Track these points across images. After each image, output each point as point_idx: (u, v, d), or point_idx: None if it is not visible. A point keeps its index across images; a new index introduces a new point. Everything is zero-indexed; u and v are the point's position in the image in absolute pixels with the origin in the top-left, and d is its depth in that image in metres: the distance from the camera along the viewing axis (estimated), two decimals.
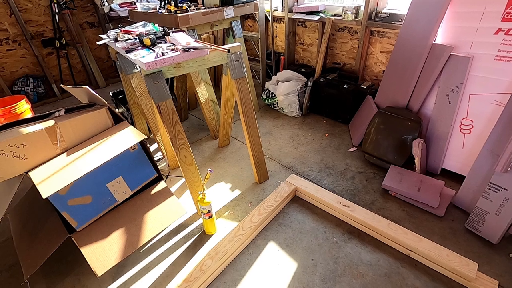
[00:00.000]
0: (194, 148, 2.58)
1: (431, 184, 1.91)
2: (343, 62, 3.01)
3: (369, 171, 2.19)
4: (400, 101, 2.22)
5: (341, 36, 2.89)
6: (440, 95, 1.97)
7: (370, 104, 2.47)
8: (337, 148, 2.47)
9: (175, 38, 1.69)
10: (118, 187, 1.47)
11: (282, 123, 2.88)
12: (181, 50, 1.59)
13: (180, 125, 1.70)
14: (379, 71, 2.76)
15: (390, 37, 2.54)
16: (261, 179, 2.15)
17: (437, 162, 2.07)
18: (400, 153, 2.07)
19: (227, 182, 2.17)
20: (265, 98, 3.07)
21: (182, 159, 1.75)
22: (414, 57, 2.08)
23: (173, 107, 1.66)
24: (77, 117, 1.35)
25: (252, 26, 3.72)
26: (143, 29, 1.99)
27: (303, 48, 3.31)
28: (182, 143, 1.73)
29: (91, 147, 1.33)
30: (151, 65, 1.49)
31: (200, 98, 2.52)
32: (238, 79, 1.86)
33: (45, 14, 3.42)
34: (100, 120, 1.43)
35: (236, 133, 2.76)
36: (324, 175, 2.18)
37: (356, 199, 1.96)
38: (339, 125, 2.79)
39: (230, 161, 2.39)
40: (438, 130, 2.02)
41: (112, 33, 1.98)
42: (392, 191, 1.95)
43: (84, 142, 1.38)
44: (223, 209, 1.94)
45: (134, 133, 1.44)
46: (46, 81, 3.61)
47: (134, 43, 1.73)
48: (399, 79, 2.22)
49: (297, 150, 2.48)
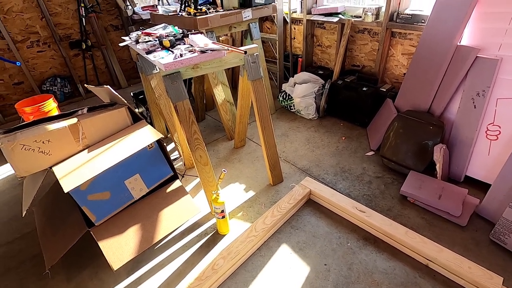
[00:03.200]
0: (209, 149, 2.61)
1: (454, 191, 1.83)
2: (362, 64, 2.95)
3: (387, 176, 2.13)
4: (421, 104, 2.14)
5: (360, 38, 2.84)
6: (465, 99, 1.88)
7: (389, 108, 2.40)
8: (354, 152, 2.41)
9: (193, 40, 1.72)
10: (135, 184, 1.51)
11: (298, 125, 2.86)
12: (198, 52, 1.62)
13: (196, 125, 1.73)
14: (400, 73, 2.68)
15: (412, 39, 2.47)
16: (275, 181, 2.14)
17: (460, 169, 1.97)
18: (420, 159, 2.00)
19: (242, 183, 2.18)
20: (281, 100, 3.07)
21: (197, 159, 1.77)
22: (437, 59, 2.01)
23: (190, 107, 1.69)
24: (99, 115, 1.40)
25: (270, 28, 3.73)
26: (163, 31, 2.04)
27: (321, 50, 3.28)
28: (198, 143, 1.76)
29: (111, 144, 1.38)
30: (170, 66, 1.52)
31: (217, 99, 2.55)
32: (255, 80, 1.87)
33: (73, 17, 3.59)
34: (120, 119, 1.48)
35: (252, 134, 2.77)
36: (340, 179, 2.14)
37: (373, 204, 1.91)
38: (356, 129, 2.73)
39: (245, 162, 2.40)
40: (462, 135, 1.93)
41: (134, 35, 2.04)
42: (411, 197, 1.88)
43: (104, 139, 1.44)
44: (236, 210, 1.95)
45: (152, 132, 1.48)
46: (72, 81, 3.78)
47: (154, 45, 1.78)
48: (421, 82, 2.14)
49: (312, 152, 2.45)
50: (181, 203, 1.61)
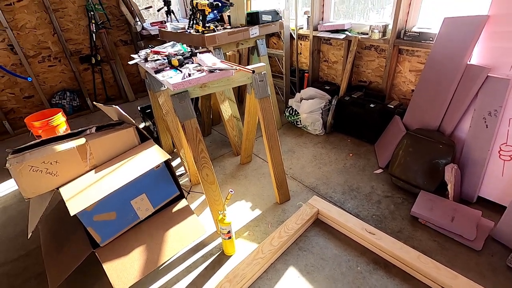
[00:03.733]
0: (216, 165, 2.60)
1: (467, 213, 1.77)
2: (369, 80, 2.94)
3: (396, 196, 2.08)
4: (431, 122, 2.11)
5: (367, 54, 2.84)
6: (476, 118, 1.85)
7: (397, 125, 2.37)
8: (362, 170, 2.38)
9: (202, 59, 1.74)
10: (141, 204, 1.49)
11: (305, 141, 2.84)
12: (207, 71, 1.63)
13: (204, 144, 1.72)
14: (408, 90, 2.66)
15: (420, 56, 2.46)
16: (282, 200, 2.11)
17: (472, 190, 1.92)
18: (431, 178, 1.96)
19: (248, 201, 2.15)
20: (288, 115, 3.06)
21: (204, 177, 1.75)
22: (446, 78, 1.99)
23: (197, 126, 1.69)
24: (107, 135, 1.40)
25: (276, 43, 3.77)
26: (172, 50, 2.06)
27: (328, 65, 3.28)
28: (205, 161, 1.75)
29: (118, 165, 1.37)
30: (178, 86, 1.53)
31: (223, 115, 2.55)
32: (262, 98, 1.86)
33: (83, 33, 3.67)
34: (128, 139, 1.48)
35: (258, 150, 2.75)
36: (348, 198, 2.10)
37: (383, 225, 1.86)
38: (364, 145, 2.70)
39: (251, 179, 2.38)
40: (474, 155, 1.89)
41: (143, 53, 2.07)
42: (422, 219, 1.83)
43: (112, 159, 1.43)
44: (242, 229, 1.91)
45: (159, 152, 1.47)
46: (81, 95, 3.84)
47: (163, 64, 1.80)
48: (430, 100, 2.12)
49: (320, 170, 2.42)
50: (187, 224, 1.59)
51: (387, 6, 2.71)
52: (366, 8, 2.86)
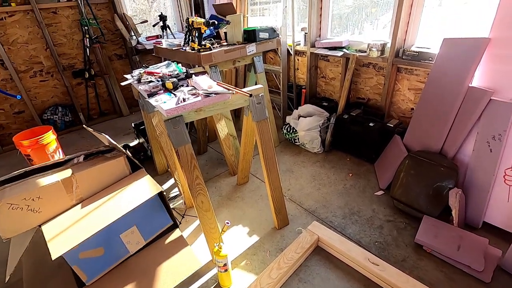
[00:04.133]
0: (211, 185, 2.51)
1: (473, 241, 1.70)
2: (368, 97, 2.90)
3: (398, 220, 2.01)
4: (432, 145, 2.06)
5: (365, 72, 2.81)
6: (480, 142, 1.80)
7: (398, 145, 2.32)
8: (363, 191, 2.31)
9: (197, 82, 1.67)
10: (131, 238, 1.40)
11: (303, 160, 2.77)
12: (202, 95, 1.56)
13: (199, 170, 1.64)
14: (407, 108, 2.62)
15: (419, 75, 2.43)
16: (281, 225, 2.02)
17: (478, 215, 1.86)
18: (434, 203, 1.89)
19: (245, 226, 2.06)
20: (285, 132, 3.00)
21: (199, 205, 1.67)
22: (448, 99, 1.95)
23: (191, 152, 1.61)
24: (95, 166, 1.32)
25: (273, 58, 3.73)
26: (167, 70, 2.00)
27: (325, 81, 3.25)
28: (200, 188, 1.67)
29: (106, 198, 1.29)
30: (172, 112, 1.46)
31: (219, 134, 2.48)
32: (259, 121, 1.80)
33: (77, 47, 3.61)
34: (117, 169, 1.40)
35: (255, 169, 2.67)
36: (349, 223, 2.02)
37: (386, 253, 1.78)
38: (363, 164, 2.64)
39: (249, 201, 2.29)
40: (478, 179, 1.84)
41: (136, 73, 2.00)
42: (427, 247, 1.75)
43: (100, 192, 1.35)
44: (239, 258, 1.82)
45: (151, 184, 1.39)
46: (73, 110, 3.75)
47: (157, 86, 1.73)
48: (431, 122, 2.07)
49: (319, 191, 2.34)
50: (181, 257, 1.49)
51: (381, 17, 2.71)
52: (360, 19, 2.86)
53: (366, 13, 2.82)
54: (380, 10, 2.70)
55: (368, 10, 2.79)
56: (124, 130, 3.66)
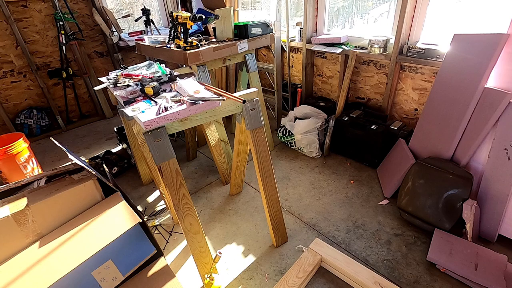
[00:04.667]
0: (202, 196, 2.30)
1: (491, 259, 1.55)
2: (368, 97, 2.72)
3: (407, 234, 1.85)
4: (442, 151, 1.89)
5: (365, 70, 2.62)
6: (496, 149, 1.64)
7: (403, 150, 2.15)
8: (366, 200, 2.13)
9: (182, 86, 1.45)
10: (106, 274, 1.18)
11: (301, 165, 2.58)
12: (188, 102, 1.34)
13: (185, 188, 1.43)
14: (410, 109, 2.45)
15: (424, 73, 2.25)
16: (279, 242, 1.83)
17: (493, 228, 1.71)
18: (447, 216, 1.73)
19: (239, 244, 1.86)
20: (281, 136, 2.80)
21: (187, 227, 1.46)
22: (460, 102, 1.78)
23: (177, 168, 1.40)
24: (57, 194, 1.09)
25: (266, 55, 3.51)
26: (147, 71, 1.77)
27: (322, 80, 3.05)
28: (188, 208, 1.46)
29: (73, 232, 1.07)
30: (151, 124, 1.24)
31: (209, 140, 2.26)
32: (254, 129, 1.59)
33: (52, 45, 3.30)
34: (86, 195, 1.17)
35: (249, 177, 2.47)
36: (354, 238, 1.85)
37: (396, 274, 1.61)
38: (365, 169, 2.47)
39: (243, 215, 2.09)
40: (493, 190, 1.68)
41: (112, 75, 1.76)
42: (441, 266, 1.59)
43: (65, 224, 1.12)
44: (234, 283, 1.62)
45: (127, 213, 1.17)
46: (50, 113, 3.45)
47: (135, 91, 1.49)
48: (440, 125, 1.90)
49: (319, 201, 2.16)
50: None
51: (371, 11, 2.54)
52: (351, 12, 2.68)
53: (364, 7, 2.63)
54: (379, 2, 2.51)
55: (365, 4, 2.61)
56: (107, 134, 3.39)
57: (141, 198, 2.32)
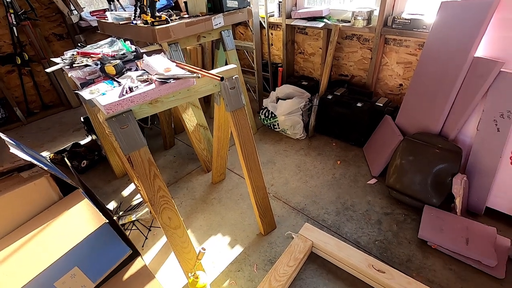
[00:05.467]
0: (183, 186, 2.15)
1: (481, 232, 1.53)
2: (351, 74, 2.62)
3: (397, 212, 1.81)
4: (430, 126, 1.84)
5: (348, 45, 2.50)
6: (485, 121, 1.60)
7: (390, 127, 2.08)
8: (354, 181, 2.07)
9: (149, 64, 1.26)
10: (72, 283, 1.03)
11: (286, 148, 2.47)
12: (157, 81, 1.17)
13: (161, 179, 1.27)
14: (395, 84, 2.38)
15: (409, 46, 2.17)
16: (267, 230, 1.73)
17: (481, 201, 1.69)
18: (436, 191, 1.69)
19: (225, 234, 1.75)
20: (263, 118, 2.66)
21: (165, 222, 1.32)
22: (449, 73, 1.70)
23: (149, 157, 1.23)
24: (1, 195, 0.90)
25: (244, 34, 3.30)
26: (110, 49, 1.55)
27: (304, 58, 2.91)
28: (165, 201, 1.31)
29: (23, 240, 0.89)
30: (114, 107, 1.06)
31: (187, 125, 2.09)
32: (235, 110, 1.44)
33: (1, 26, 2.91)
34: (39, 195, 0.99)
35: (232, 163, 2.34)
36: (344, 220, 1.78)
37: (388, 254, 1.57)
38: (351, 149, 2.40)
39: (227, 203, 1.97)
40: (482, 163, 1.65)
41: (68, 55, 1.53)
42: (433, 243, 1.56)
43: (14, 231, 0.94)
44: (221, 278, 1.52)
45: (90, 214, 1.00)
46: (6, 104, 3.10)
47: (94, 71, 1.29)
48: (428, 99, 1.84)
49: (306, 184, 2.07)
50: None
51: None
52: None
53: None
54: None
55: None
56: (74, 125, 3.11)
57: (115, 193, 2.13)
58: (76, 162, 2.36)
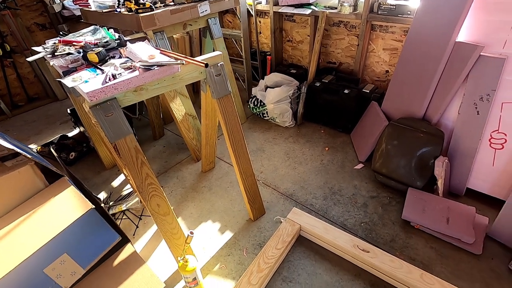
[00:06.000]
0: (173, 175, 2.16)
1: (461, 211, 1.60)
2: (339, 61, 2.64)
3: (382, 195, 1.86)
4: (415, 110, 1.88)
5: (336, 32, 2.51)
6: (466, 104, 1.64)
7: (376, 112, 2.12)
8: (341, 166, 2.11)
9: (133, 51, 1.25)
10: (62, 270, 1.04)
11: (274, 136, 2.49)
12: (141, 69, 1.16)
13: (148, 167, 1.28)
14: (382, 71, 2.41)
15: (395, 32, 2.19)
16: (257, 215, 1.77)
17: (461, 182, 1.76)
18: (420, 174, 1.75)
19: (215, 221, 1.78)
20: (252, 107, 2.67)
21: (154, 209, 1.33)
22: (431, 58, 1.73)
23: (136, 145, 1.24)
24: None
25: (232, 22, 3.27)
26: (93, 38, 1.52)
27: (292, 46, 2.91)
28: (153, 188, 1.32)
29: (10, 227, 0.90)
30: (97, 95, 1.05)
31: (175, 115, 2.08)
32: (221, 98, 1.45)
33: None
34: (24, 183, 0.99)
35: (222, 151, 2.35)
36: (331, 204, 1.83)
37: (373, 235, 1.62)
38: (339, 135, 2.44)
39: (217, 191, 1.99)
40: (463, 145, 1.70)
41: (50, 44, 1.50)
42: (415, 223, 1.62)
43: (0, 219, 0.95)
44: (212, 262, 1.55)
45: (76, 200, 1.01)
46: None
47: (76, 60, 1.27)
48: (412, 84, 1.87)
49: (295, 170, 2.11)
50: (137, 279, 1.18)
51: None
52: None
53: None
54: None
55: None
56: (60, 118, 3.06)
57: (105, 183, 2.13)
58: (64, 154, 2.33)
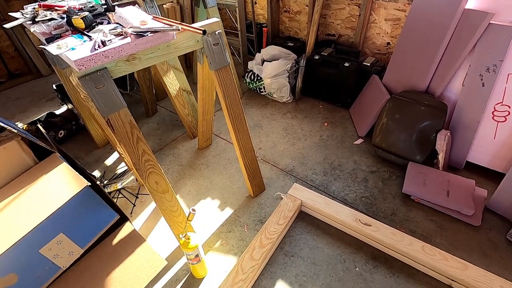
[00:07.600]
0: (168, 153, 2.09)
1: (461, 184, 1.60)
2: (339, 33, 2.53)
3: (382, 170, 1.85)
4: (418, 83, 1.83)
5: (336, 1, 2.39)
6: (471, 76, 1.60)
7: (377, 86, 2.07)
8: (341, 141, 2.08)
9: (123, 15, 1.14)
10: (59, 250, 1.00)
11: (272, 112, 2.43)
12: (132, 35, 1.06)
13: (145, 142, 1.21)
14: (383, 43, 2.32)
15: (398, 1, 2.08)
16: (257, 192, 1.74)
17: (461, 156, 1.75)
18: (421, 148, 1.73)
19: (214, 198, 1.75)
20: (249, 81, 2.57)
21: (152, 187, 1.28)
22: (438, 27, 1.66)
23: (131, 120, 1.16)
24: None
25: None
26: (76, 2, 1.39)
27: (289, 17, 2.77)
28: (150, 165, 1.26)
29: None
30: (87, 63, 0.96)
31: (169, 89, 1.99)
32: (220, 69, 1.36)
33: None
34: (11, 159, 0.92)
35: (218, 128, 2.28)
36: (331, 179, 1.81)
37: (374, 209, 1.62)
38: (338, 110, 2.39)
39: (215, 168, 1.95)
40: (465, 118, 1.68)
41: (29, 9, 1.36)
42: (416, 196, 1.62)
43: None
44: (212, 239, 1.54)
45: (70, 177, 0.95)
46: None
47: (60, 26, 1.16)
48: (416, 56, 1.81)
49: (294, 146, 2.07)
50: (138, 257, 1.15)
51: None
52: None
53: None
54: None
55: None
56: (46, 95, 2.90)
57: (97, 162, 2.06)
58: (52, 133, 2.23)
